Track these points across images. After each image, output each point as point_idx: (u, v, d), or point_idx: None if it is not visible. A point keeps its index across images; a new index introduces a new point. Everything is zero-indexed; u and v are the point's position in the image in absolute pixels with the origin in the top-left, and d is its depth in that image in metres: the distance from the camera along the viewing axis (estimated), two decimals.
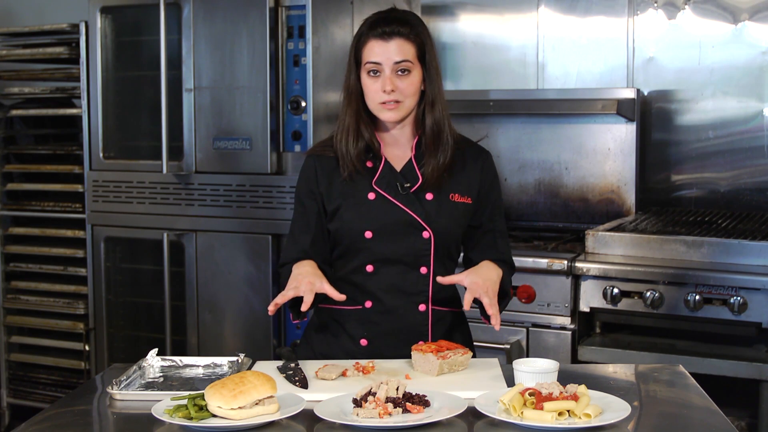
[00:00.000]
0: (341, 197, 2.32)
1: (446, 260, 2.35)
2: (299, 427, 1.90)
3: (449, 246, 2.35)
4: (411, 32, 2.27)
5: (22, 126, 4.61)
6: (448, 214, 2.32)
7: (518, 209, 4.29)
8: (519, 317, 3.49)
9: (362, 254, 2.32)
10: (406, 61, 2.26)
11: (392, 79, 2.25)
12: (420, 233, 2.29)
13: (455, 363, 2.19)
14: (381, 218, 2.29)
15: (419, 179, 2.32)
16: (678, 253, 3.35)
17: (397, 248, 2.30)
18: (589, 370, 2.41)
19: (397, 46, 2.25)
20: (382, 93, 2.26)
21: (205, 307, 3.90)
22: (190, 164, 3.86)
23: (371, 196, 2.30)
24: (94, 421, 2.06)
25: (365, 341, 2.34)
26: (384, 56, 2.25)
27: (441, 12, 4.47)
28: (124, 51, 4.09)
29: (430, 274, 2.32)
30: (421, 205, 2.30)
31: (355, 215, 2.30)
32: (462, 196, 2.34)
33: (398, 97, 2.26)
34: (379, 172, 2.32)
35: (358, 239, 2.30)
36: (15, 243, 4.53)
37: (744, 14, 3.94)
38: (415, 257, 2.31)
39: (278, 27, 3.69)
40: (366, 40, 2.28)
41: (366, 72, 2.28)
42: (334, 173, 2.35)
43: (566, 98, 4.07)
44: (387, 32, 2.25)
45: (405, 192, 2.31)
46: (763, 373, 3.16)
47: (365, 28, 2.30)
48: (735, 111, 3.98)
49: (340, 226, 2.32)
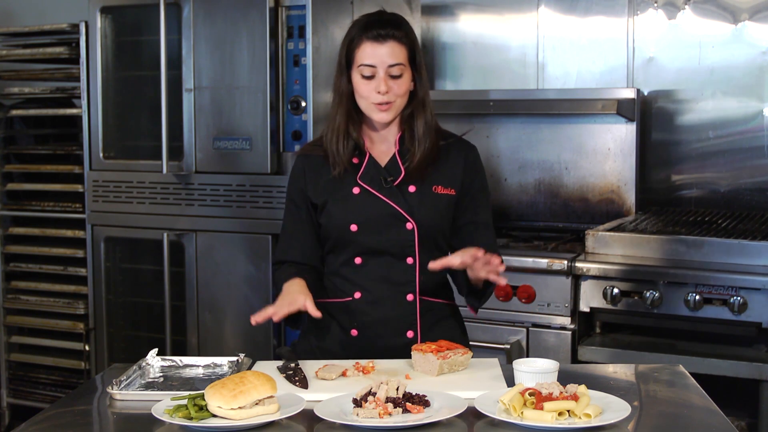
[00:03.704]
0: (328, 193, 2.39)
1: (433, 251, 2.40)
2: (299, 427, 1.90)
3: (435, 236, 2.40)
4: (404, 35, 2.33)
5: (22, 126, 4.61)
6: (431, 205, 2.38)
7: (518, 209, 4.29)
8: (519, 317, 3.49)
9: (350, 247, 2.38)
10: (399, 63, 2.32)
11: (386, 81, 2.31)
12: (404, 224, 2.35)
13: (455, 363, 2.19)
14: (365, 212, 2.36)
15: (402, 173, 2.38)
16: (678, 253, 3.35)
17: (382, 240, 2.36)
18: (589, 370, 2.42)
19: (391, 48, 2.31)
20: (376, 94, 2.32)
21: (205, 307, 3.90)
22: (190, 164, 3.86)
23: (356, 190, 2.37)
24: (94, 421, 2.06)
25: (355, 331, 2.40)
26: (378, 58, 2.30)
27: (441, 12, 4.47)
28: (124, 51, 4.09)
29: (416, 265, 2.38)
30: (404, 198, 2.36)
31: (341, 210, 2.37)
32: (445, 187, 2.40)
33: (391, 98, 2.33)
34: (363, 168, 2.39)
35: (344, 233, 2.37)
36: (15, 243, 4.53)
37: (744, 14, 3.94)
38: (400, 248, 2.37)
39: (278, 27, 3.69)
40: (359, 43, 2.32)
41: (359, 73, 2.33)
42: (321, 170, 2.42)
43: (566, 98, 4.07)
44: (382, 35, 2.30)
45: (388, 185, 2.37)
46: (763, 373, 3.16)
47: (358, 30, 2.34)
48: (735, 111, 3.98)
49: (327, 221, 2.39)
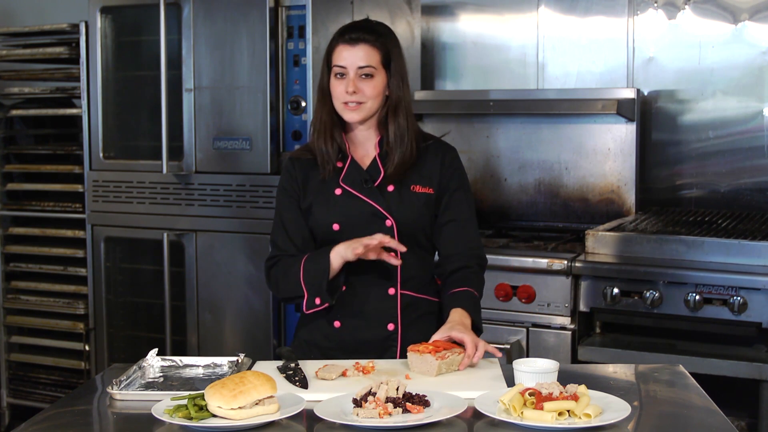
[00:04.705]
0: (313, 196, 2.51)
1: (415, 247, 2.49)
2: (299, 427, 1.90)
3: (415, 234, 2.49)
4: (377, 40, 2.45)
5: (22, 126, 4.61)
6: (409, 203, 2.48)
7: (518, 209, 4.29)
8: (519, 317, 3.49)
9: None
10: (369, 66, 2.43)
11: (355, 82, 2.43)
12: (383, 222, 2.46)
13: (453, 363, 2.21)
14: (346, 211, 2.47)
15: (381, 174, 2.49)
16: (678, 253, 3.35)
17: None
18: (589, 370, 2.42)
19: (362, 51, 2.43)
20: (345, 94, 2.44)
21: (205, 307, 3.90)
22: (190, 164, 3.86)
23: (338, 191, 2.49)
24: (94, 421, 2.06)
25: (338, 323, 2.49)
26: (349, 60, 2.43)
27: (441, 12, 4.47)
28: (124, 51, 4.09)
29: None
30: (383, 197, 2.47)
31: (324, 210, 2.49)
32: (423, 187, 2.50)
33: (360, 98, 2.44)
34: (345, 170, 2.50)
35: (327, 232, 2.48)
36: (15, 243, 4.54)
37: (744, 14, 3.94)
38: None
39: (278, 27, 3.69)
40: (335, 45, 2.47)
41: (333, 74, 2.47)
42: (309, 173, 2.53)
43: (566, 98, 4.07)
44: (354, 38, 2.44)
45: (369, 186, 2.48)
46: (763, 373, 3.16)
47: (336, 34, 2.50)
48: (735, 111, 3.98)
49: (312, 222, 2.51)
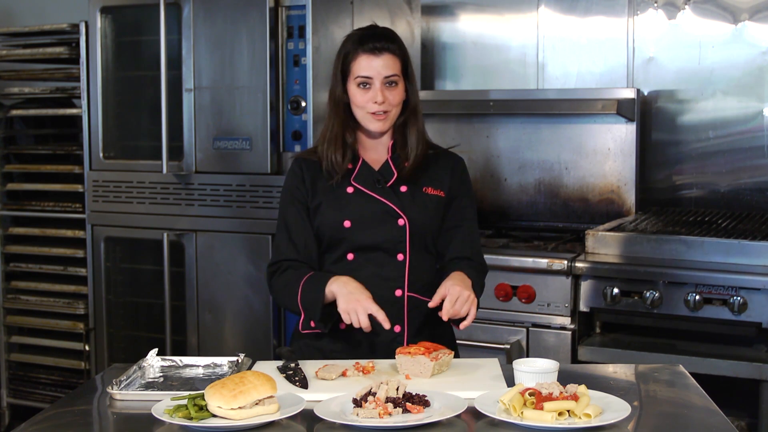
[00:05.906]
0: (322, 196, 2.49)
1: (422, 251, 2.48)
2: (299, 427, 1.90)
3: (424, 236, 2.48)
4: (398, 48, 2.47)
5: (22, 126, 4.61)
6: (422, 204, 2.48)
7: (518, 209, 4.29)
8: (519, 317, 3.49)
9: (343, 244, 2.46)
10: (394, 75, 2.44)
11: (383, 91, 2.43)
12: (396, 221, 2.44)
13: (444, 363, 2.23)
14: (359, 209, 2.45)
15: (395, 174, 2.48)
16: (678, 253, 3.35)
17: (374, 236, 2.44)
18: (589, 370, 2.42)
19: (387, 61, 2.43)
20: (372, 104, 2.44)
21: (205, 307, 3.90)
22: (190, 164, 3.86)
23: (350, 190, 2.48)
24: (94, 421, 2.06)
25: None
26: (375, 70, 2.42)
27: (441, 12, 4.47)
28: (124, 51, 4.08)
29: (406, 261, 2.46)
30: (397, 196, 2.47)
31: (335, 208, 2.46)
32: (435, 189, 2.51)
33: (387, 107, 2.45)
34: (357, 170, 2.50)
35: (338, 229, 2.45)
36: (15, 243, 4.53)
37: (744, 14, 3.94)
38: (392, 244, 2.45)
39: (278, 27, 3.69)
40: (356, 56, 2.45)
41: (356, 84, 2.44)
42: (317, 175, 2.51)
43: (566, 98, 4.07)
44: (378, 48, 2.43)
45: (381, 186, 2.48)
46: (763, 373, 3.16)
47: (353, 44, 2.46)
48: (735, 111, 3.98)
49: (321, 220, 2.47)
